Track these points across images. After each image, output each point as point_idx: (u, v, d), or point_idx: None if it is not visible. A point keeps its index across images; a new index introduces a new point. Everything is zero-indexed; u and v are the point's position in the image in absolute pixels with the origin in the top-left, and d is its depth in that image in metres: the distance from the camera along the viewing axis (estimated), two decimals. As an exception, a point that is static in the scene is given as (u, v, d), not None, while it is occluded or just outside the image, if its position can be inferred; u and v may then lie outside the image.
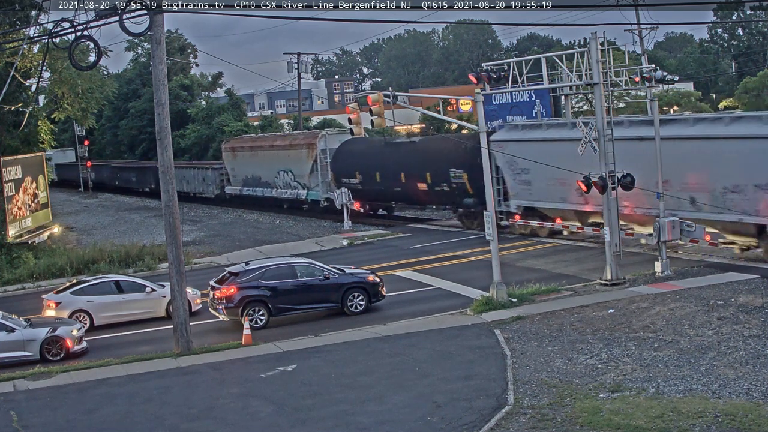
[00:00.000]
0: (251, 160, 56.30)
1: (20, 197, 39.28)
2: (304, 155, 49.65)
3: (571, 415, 15.00)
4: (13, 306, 27.24)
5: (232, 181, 59.12)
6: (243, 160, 57.68)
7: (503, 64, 29.67)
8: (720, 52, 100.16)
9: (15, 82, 35.01)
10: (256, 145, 56.85)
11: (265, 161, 54.24)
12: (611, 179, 25.15)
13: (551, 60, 29.16)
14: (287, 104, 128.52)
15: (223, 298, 23.87)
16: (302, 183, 49.80)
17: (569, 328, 20.88)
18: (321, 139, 48.54)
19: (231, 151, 59.47)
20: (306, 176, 49.50)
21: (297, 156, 50.53)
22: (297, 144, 50.94)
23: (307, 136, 52.39)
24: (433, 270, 30.44)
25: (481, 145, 25.08)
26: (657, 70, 27.12)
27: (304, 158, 49.49)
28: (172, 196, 21.88)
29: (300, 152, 50.11)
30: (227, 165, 59.82)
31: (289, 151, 51.54)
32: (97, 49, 21.77)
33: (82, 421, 17.09)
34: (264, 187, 54.65)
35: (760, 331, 18.98)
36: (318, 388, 17.92)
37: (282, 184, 52.67)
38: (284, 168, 51.95)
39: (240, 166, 58.11)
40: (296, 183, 50.47)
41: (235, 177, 58.62)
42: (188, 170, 65.69)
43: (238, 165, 58.41)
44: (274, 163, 53.04)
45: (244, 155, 57.63)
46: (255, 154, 56.10)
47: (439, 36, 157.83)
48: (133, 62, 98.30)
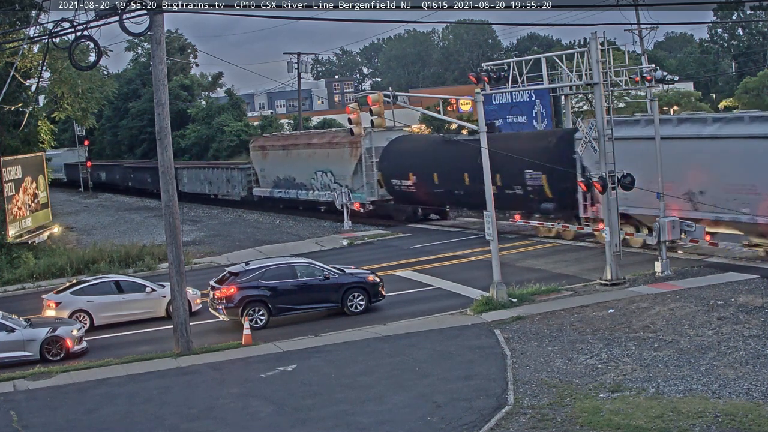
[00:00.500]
0: (284, 160, 52.02)
1: (20, 197, 39.27)
2: (346, 154, 45.48)
3: (571, 415, 15.00)
4: (13, 306, 27.24)
5: (261, 182, 54.99)
6: (274, 159, 53.37)
7: (503, 64, 29.68)
8: (720, 52, 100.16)
9: (15, 82, 35.00)
10: (290, 144, 52.46)
11: (299, 161, 50.44)
12: (611, 179, 25.15)
13: (551, 60, 29.16)
14: (287, 104, 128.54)
15: (223, 298, 23.87)
16: (344, 184, 45.13)
17: (569, 328, 20.88)
18: (366, 136, 43.40)
19: (260, 150, 55.06)
20: (348, 177, 45.25)
21: (338, 155, 46.35)
22: (338, 142, 46.62)
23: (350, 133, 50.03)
24: (433, 270, 30.44)
25: (481, 145, 25.05)
26: (657, 70, 27.12)
27: (347, 157, 45.28)
28: (172, 196, 21.87)
29: (342, 151, 45.90)
30: (256, 165, 55.55)
31: (329, 150, 47.47)
32: (97, 49, 21.79)
33: (82, 421, 17.09)
34: (298, 189, 50.32)
35: (760, 331, 18.98)
36: (318, 388, 17.93)
37: (320, 186, 48.51)
38: (323, 168, 47.87)
39: (271, 166, 53.75)
40: (336, 185, 45.94)
41: (265, 178, 54.36)
42: (211, 170, 61.81)
43: (268, 165, 54.00)
44: (311, 163, 48.99)
45: (275, 154, 53.31)
46: (288, 153, 51.82)
47: (439, 36, 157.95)
48: (133, 62, 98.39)
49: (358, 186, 44.76)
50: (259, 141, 56.84)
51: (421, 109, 31.90)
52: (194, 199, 63.57)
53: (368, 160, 43.85)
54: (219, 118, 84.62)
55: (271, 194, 53.93)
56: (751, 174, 25.59)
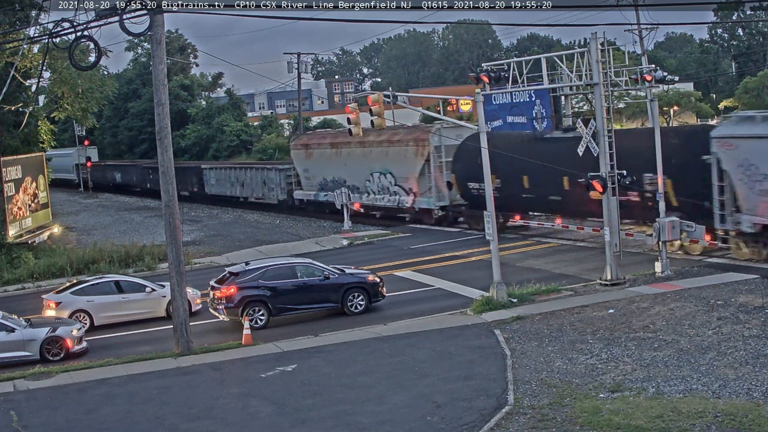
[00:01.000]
0: (332, 160, 47.42)
1: (20, 197, 39.27)
2: (410, 153, 40.83)
3: (571, 415, 15.00)
4: (13, 306, 27.23)
5: (305, 184, 50.46)
6: (321, 159, 48.68)
7: (503, 64, 29.65)
8: (720, 52, 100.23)
9: (15, 82, 35.01)
10: (341, 142, 46.91)
11: (352, 161, 45.67)
12: (611, 179, 25.15)
13: (551, 60, 29.15)
14: (287, 104, 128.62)
15: (223, 298, 23.87)
16: (406, 188, 41.07)
17: (569, 328, 20.88)
18: (435, 133, 39.63)
19: (303, 149, 50.33)
20: (413, 179, 40.81)
21: (400, 154, 41.71)
22: (401, 140, 41.91)
23: (415, 130, 43.45)
24: (433, 270, 30.44)
25: (481, 145, 25.04)
26: (657, 70, 27.09)
27: (411, 157, 40.57)
28: (172, 196, 21.84)
29: (405, 150, 41.22)
30: (298, 165, 50.93)
31: (389, 149, 42.62)
32: (97, 49, 21.78)
33: (82, 421, 17.09)
34: (351, 192, 44.58)
35: (760, 331, 18.98)
36: (318, 388, 17.93)
37: (377, 189, 44.05)
38: (381, 169, 43.30)
39: (316, 166, 49.02)
40: (398, 187, 42.11)
41: (309, 180, 49.82)
42: (244, 171, 56.90)
43: (313, 165, 49.37)
44: (366, 164, 44.48)
45: (322, 154, 48.62)
46: (338, 152, 47.15)
47: (439, 36, 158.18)
48: (133, 62, 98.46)
49: (424, 189, 40.36)
50: (303, 139, 51.92)
51: (421, 109, 31.89)
52: (222, 202, 60.29)
53: (437, 160, 39.26)
54: (219, 118, 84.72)
55: (316, 198, 49.14)
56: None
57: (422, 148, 40.06)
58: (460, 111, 63.74)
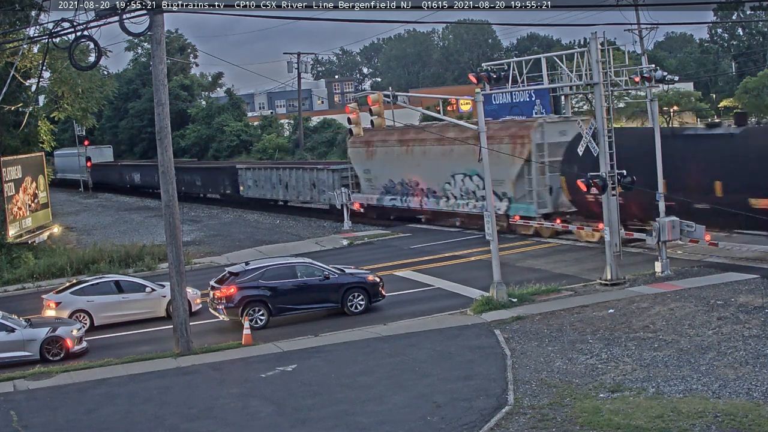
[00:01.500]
0: (401, 159, 41.49)
1: (20, 197, 39.28)
2: (505, 151, 34.39)
3: (571, 415, 15.00)
4: (13, 306, 27.23)
5: (365, 187, 44.75)
6: (386, 158, 42.89)
7: (503, 64, 29.68)
8: (720, 52, 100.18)
9: (15, 82, 35.03)
10: (412, 139, 41.32)
11: (427, 161, 39.93)
12: (611, 179, 25.15)
13: (551, 60, 29.16)
14: (287, 104, 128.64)
15: (223, 298, 23.87)
16: (500, 192, 35.03)
17: (569, 328, 20.88)
18: (537, 129, 34.18)
19: (364, 147, 44.12)
20: (508, 182, 35.04)
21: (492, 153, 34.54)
22: (493, 136, 34.37)
23: (511, 124, 36.95)
24: (433, 270, 30.44)
25: (480, 145, 25.04)
26: (657, 70, 27.12)
27: (507, 157, 34.08)
28: (172, 196, 21.84)
29: (498, 148, 33.95)
30: (357, 165, 45.14)
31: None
32: (97, 49, 21.79)
33: (82, 421, 17.09)
34: (425, 196, 40.54)
35: (760, 331, 18.99)
36: (318, 388, 17.93)
37: (459, 193, 38.49)
38: (465, 170, 37.61)
39: (380, 166, 43.19)
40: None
41: (370, 182, 43.97)
42: (288, 171, 51.49)
43: (376, 165, 43.52)
44: (446, 164, 38.91)
45: (388, 152, 42.69)
46: (408, 150, 41.38)
47: (439, 36, 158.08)
48: (133, 62, 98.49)
49: (521, 193, 34.74)
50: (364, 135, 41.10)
51: (421, 109, 31.78)
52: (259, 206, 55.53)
53: (539, 161, 34.15)
54: (219, 118, 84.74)
55: (379, 202, 43.61)
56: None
57: (521, 146, 34.62)
58: (460, 111, 63.69)
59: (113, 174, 78.46)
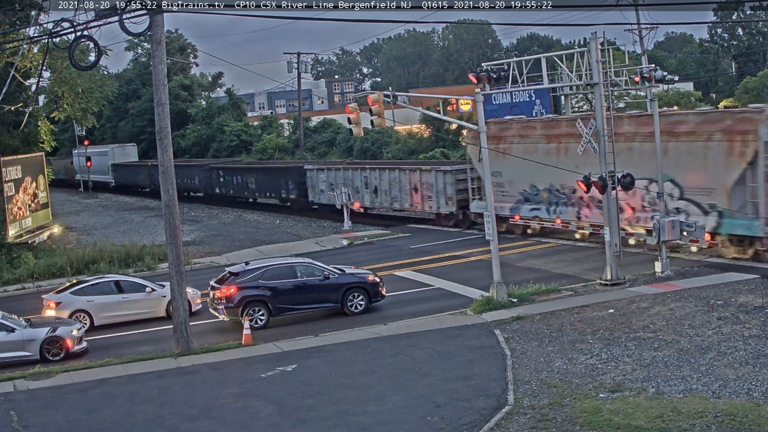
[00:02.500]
0: (548, 160, 31.53)
1: (20, 197, 39.27)
2: (718, 152, 27.13)
3: (571, 415, 15.01)
4: (13, 306, 27.23)
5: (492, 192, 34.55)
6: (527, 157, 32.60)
7: (503, 64, 29.65)
8: (720, 52, 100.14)
9: (15, 82, 35.02)
10: (566, 134, 32.42)
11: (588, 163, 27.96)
12: (611, 179, 25.15)
13: (551, 60, 29.14)
14: (287, 104, 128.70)
15: (223, 298, 23.87)
16: (705, 204, 27.70)
17: (569, 328, 20.88)
18: (765, 121, 26.08)
19: (493, 143, 32.92)
20: (721, 191, 27.21)
21: (695, 153, 27.98)
22: (695, 131, 28.11)
23: (723, 115, 28.85)
24: (433, 270, 30.44)
25: (481, 145, 25.04)
26: (657, 70, 27.11)
27: (720, 157, 27.08)
28: (172, 196, 21.85)
29: (705, 146, 27.57)
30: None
31: (670, 144, 28.33)
32: (97, 49, 21.81)
33: (82, 421, 17.09)
34: (579, 206, 32.58)
35: (760, 331, 18.99)
36: (318, 388, 17.93)
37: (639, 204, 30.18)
38: (650, 175, 28.19)
39: (515, 168, 34.34)
40: (684, 202, 28.54)
41: (502, 187, 35.70)
42: (379, 173, 44.04)
43: (509, 167, 34.81)
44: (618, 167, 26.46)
45: (529, 150, 34.02)
46: (560, 148, 33.15)
47: (439, 36, 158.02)
48: (133, 62, 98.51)
49: (738, 205, 26.84)
50: (492, 129, 35.17)
51: (421, 109, 31.68)
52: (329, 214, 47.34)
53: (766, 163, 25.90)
54: (219, 118, 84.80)
55: (514, 212, 35.68)
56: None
57: (743, 144, 26.44)
58: (460, 111, 63.64)
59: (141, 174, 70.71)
